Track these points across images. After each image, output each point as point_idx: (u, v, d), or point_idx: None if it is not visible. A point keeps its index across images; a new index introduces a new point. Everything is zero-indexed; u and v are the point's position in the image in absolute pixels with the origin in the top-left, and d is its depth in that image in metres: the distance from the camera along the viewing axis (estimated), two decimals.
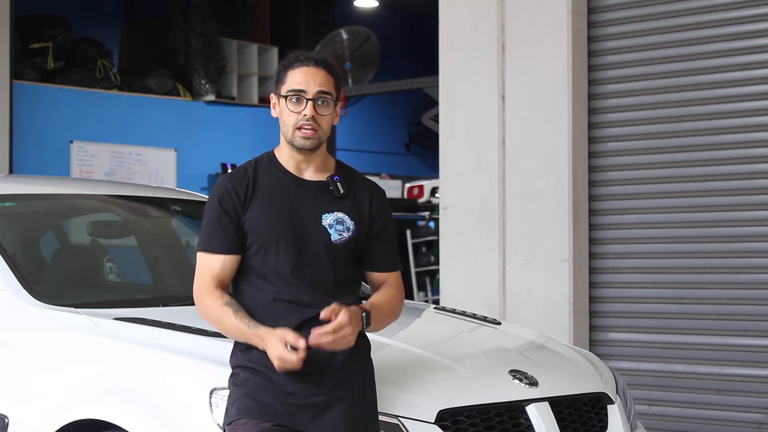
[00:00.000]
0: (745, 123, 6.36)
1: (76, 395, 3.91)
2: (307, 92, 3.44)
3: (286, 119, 3.46)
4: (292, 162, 3.51)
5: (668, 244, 6.58)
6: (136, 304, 4.59)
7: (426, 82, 12.05)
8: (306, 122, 3.43)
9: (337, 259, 3.47)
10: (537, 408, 3.95)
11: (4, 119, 10.53)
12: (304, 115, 3.43)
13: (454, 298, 6.89)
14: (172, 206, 5.64)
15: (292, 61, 3.49)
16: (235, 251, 3.45)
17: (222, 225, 3.44)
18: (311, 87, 3.44)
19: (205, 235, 3.47)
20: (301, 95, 3.44)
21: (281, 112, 3.49)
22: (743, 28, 6.37)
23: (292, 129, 3.45)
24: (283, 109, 3.47)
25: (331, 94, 3.47)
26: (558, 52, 6.69)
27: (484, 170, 6.91)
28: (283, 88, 3.47)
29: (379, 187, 3.63)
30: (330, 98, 3.47)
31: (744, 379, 6.32)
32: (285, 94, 3.46)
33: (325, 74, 3.47)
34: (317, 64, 3.47)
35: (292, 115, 3.45)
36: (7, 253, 4.54)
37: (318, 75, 3.46)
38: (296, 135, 3.45)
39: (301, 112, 3.43)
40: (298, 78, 3.45)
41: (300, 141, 3.45)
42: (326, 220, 3.47)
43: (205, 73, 14.14)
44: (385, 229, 3.57)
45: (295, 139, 3.46)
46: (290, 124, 3.45)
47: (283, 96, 3.47)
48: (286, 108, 3.46)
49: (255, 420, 3.37)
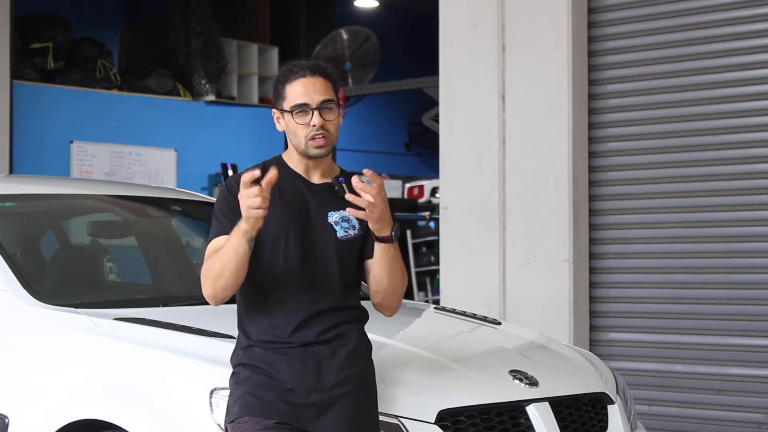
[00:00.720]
0: (746, 123, 6.36)
1: (76, 395, 3.92)
2: (311, 104, 3.46)
3: (297, 132, 3.48)
4: (301, 165, 3.54)
5: (668, 244, 6.58)
6: (136, 304, 4.59)
7: (426, 82, 12.06)
8: (317, 132, 3.45)
9: (343, 257, 3.49)
10: (537, 408, 3.95)
11: (4, 119, 10.54)
12: (313, 126, 3.45)
13: (454, 298, 6.89)
14: (172, 206, 5.64)
15: (287, 74, 3.50)
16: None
17: (234, 212, 3.42)
18: (313, 98, 3.46)
19: (214, 226, 3.49)
20: (305, 108, 3.46)
21: (288, 126, 3.50)
22: (743, 28, 6.37)
23: (305, 141, 3.47)
24: (289, 123, 3.49)
25: (333, 100, 3.49)
26: (558, 52, 6.69)
27: (484, 170, 6.91)
28: (285, 104, 3.49)
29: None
30: (333, 103, 3.49)
31: (744, 379, 6.32)
32: (290, 110, 3.47)
33: (322, 81, 3.49)
34: (313, 73, 3.48)
35: (301, 128, 3.47)
36: (7, 253, 4.54)
37: (317, 84, 3.47)
38: (309, 146, 3.47)
39: (310, 123, 3.45)
40: (299, 90, 3.47)
41: (315, 151, 3.48)
42: (332, 217, 3.50)
43: (205, 73, 14.14)
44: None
45: (309, 150, 3.48)
46: (302, 136, 3.47)
47: (287, 111, 3.48)
48: (294, 122, 3.47)
49: (257, 418, 3.37)
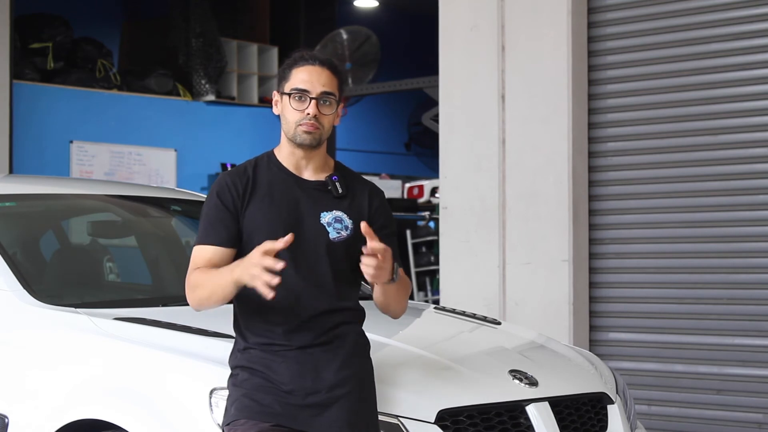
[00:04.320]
0: (745, 123, 6.36)
1: (76, 395, 3.91)
2: (311, 92, 3.45)
3: (289, 116, 3.47)
4: (291, 160, 3.52)
5: (668, 244, 6.58)
6: (136, 304, 4.59)
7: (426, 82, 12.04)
8: (308, 121, 3.44)
9: (336, 258, 3.47)
10: (537, 408, 3.95)
11: (4, 119, 10.53)
12: (307, 114, 3.44)
13: (454, 298, 6.89)
14: (172, 206, 5.64)
15: (297, 59, 3.50)
16: (231, 244, 3.45)
17: (221, 218, 3.44)
18: (315, 87, 3.45)
19: (203, 230, 3.48)
20: (305, 94, 3.45)
21: (284, 109, 3.49)
22: (743, 28, 6.37)
23: (294, 126, 3.46)
24: (285, 106, 3.48)
25: (334, 94, 3.48)
26: (558, 52, 6.69)
27: (484, 170, 6.92)
28: (286, 86, 3.48)
29: (377, 188, 3.64)
30: (333, 98, 3.48)
31: (744, 379, 6.32)
32: (288, 92, 3.46)
33: (329, 74, 3.48)
34: (322, 64, 3.49)
35: (295, 113, 3.45)
36: (7, 253, 4.54)
37: (322, 75, 3.47)
38: (298, 130, 3.45)
39: (304, 111, 3.44)
40: (303, 77, 3.46)
41: (302, 137, 3.45)
42: (325, 218, 3.48)
43: (205, 73, 14.14)
44: (385, 228, 3.56)
45: (296, 135, 3.46)
46: (292, 121, 3.46)
47: (286, 94, 3.47)
48: (289, 106, 3.46)
49: (254, 420, 3.37)
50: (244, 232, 3.45)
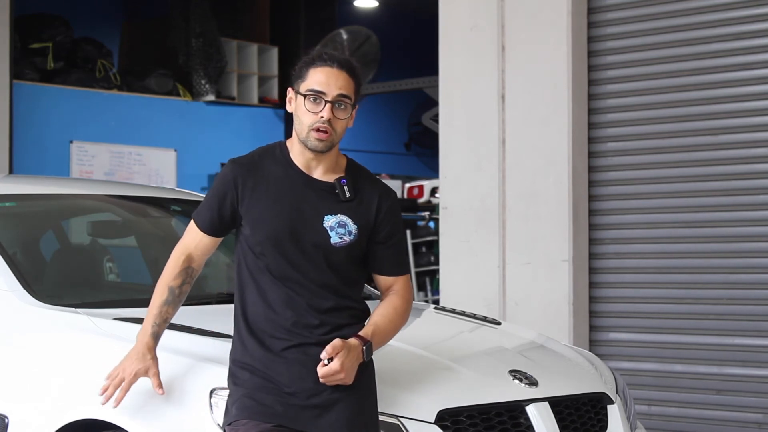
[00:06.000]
0: (745, 123, 6.36)
1: (76, 395, 3.91)
2: (327, 94, 3.40)
3: (303, 118, 3.42)
4: (302, 158, 3.48)
5: (668, 244, 6.58)
6: (136, 304, 4.57)
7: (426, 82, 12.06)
8: (322, 124, 3.39)
9: (338, 262, 3.44)
10: (537, 408, 3.94)
11: (4, 119, 10.53)
12: (320, 117, 3.39)
13: (454, 298, 6.89)
14: (172, 206, 5.64)
15: (315, 59, 3.44)
16: (214, 233, 3.52)
17: (215, 205, 3.49)
18: (332, 89, 3.40)
19: (201, 206, 3.56)
20: (321, 96, 3.40)
21: (297, 109, 3.44)
22: (743, 28, 6.37)
23: (307, 129, 3.41)
24: (299, 106, 3.43)
25: (350, 98, 3.43)
26: (558, 52, 6.69)
27: (484, 170, 6.91)
28: (302, 86, 3.43)
29: (389, 191, 3.59)
30: (348, 102, 3.43)
31: (744, 379, 6.32)
32: (304, 93, 3.42)
33: (347, 77, 3.43)
34: (341, 66, 3.42)
35: (309, 115, 3.41)
36: (7, 253, 4.53)
37: (340, 77, 3.41)
38: (310, 136, 3.41)
39: (319, 114, 3.39)
40: (320, 78, 3.40)
41: (313, 142, 3.42)
42: (328, 221, 3.44)
43: (205, 73, 14.14)
44: (393, 236, 3.53)
45: (308, 139, 3.42)
46: (306, 123, 3.41)
47: (301, 94, 3.42)
48: (303, 106, 3.41)
49: (255, 420, 3.36)
50: (246, 224, 3.45)
